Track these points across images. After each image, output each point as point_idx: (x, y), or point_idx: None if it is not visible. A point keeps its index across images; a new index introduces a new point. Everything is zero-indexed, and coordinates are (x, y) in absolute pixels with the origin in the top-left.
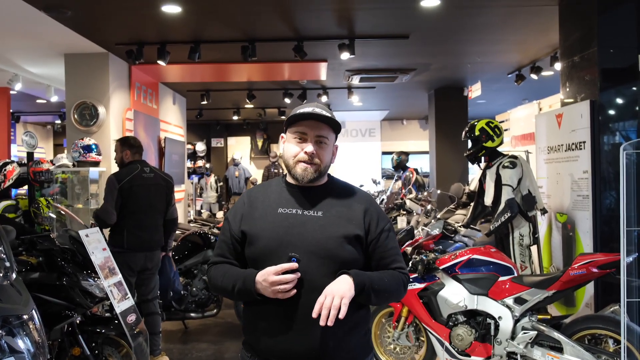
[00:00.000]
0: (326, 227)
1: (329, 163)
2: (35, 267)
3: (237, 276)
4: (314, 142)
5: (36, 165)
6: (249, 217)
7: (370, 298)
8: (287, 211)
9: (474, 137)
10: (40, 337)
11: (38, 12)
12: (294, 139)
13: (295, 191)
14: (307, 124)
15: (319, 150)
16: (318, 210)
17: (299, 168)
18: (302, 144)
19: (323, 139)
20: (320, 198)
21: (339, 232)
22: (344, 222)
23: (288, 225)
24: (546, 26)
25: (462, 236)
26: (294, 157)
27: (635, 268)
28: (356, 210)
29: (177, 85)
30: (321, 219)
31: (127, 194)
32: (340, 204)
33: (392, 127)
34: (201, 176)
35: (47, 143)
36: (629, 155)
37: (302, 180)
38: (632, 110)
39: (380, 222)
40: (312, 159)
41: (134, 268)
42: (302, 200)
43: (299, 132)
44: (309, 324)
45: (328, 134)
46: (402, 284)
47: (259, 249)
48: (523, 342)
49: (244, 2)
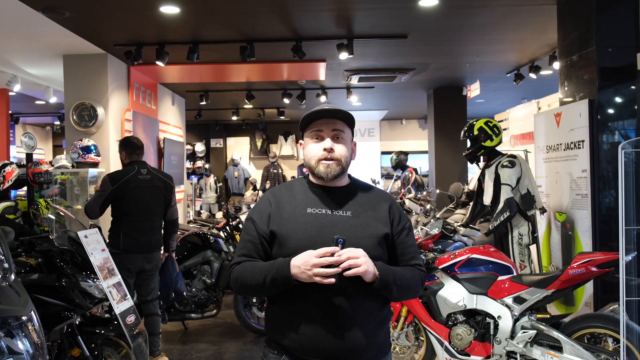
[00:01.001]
0: (358, 227)
1: (349, 158)
2: (35, 268)
3: (269, 267)
4: (331, 138)
5: (35, 167)
6: (277, 217)
7: (392, 292)
8: (316, 211)
9: (472, 137)
10: (39, 338)
11: (36, 13)
12: (311, 140)
13: (320, 191)
14: (321, 122)
15: (337, 145)
16: (347, 210)
17: (322, 166)
18: (319, 143)
19: (339, 133)
20: (347, 198)
21: (371, 232)
22: (374, 222)
23: (320, 225)
24: (545, 25)
25: (461, 235)
26: (315, 157)
27: (634, 267)
28: (382, 209)
29: (176, 86)
30: (351, 219)
31: (121, 196)
32: (367, 204)
33: (391, 127)
34: (200, 177)
35: (46, 144)
36: (627, 154)
37: (327, 177)
38: (631, 109)
39: (402, 220)
40: (332, 155)
41: (132, 269)
42: (329, 200)
43: (315, 131)
44: (343, 321)
45: (343, 128)
46: (420, 281)
47: (291, 249)
48: (522, 341)
49: (243, 2)
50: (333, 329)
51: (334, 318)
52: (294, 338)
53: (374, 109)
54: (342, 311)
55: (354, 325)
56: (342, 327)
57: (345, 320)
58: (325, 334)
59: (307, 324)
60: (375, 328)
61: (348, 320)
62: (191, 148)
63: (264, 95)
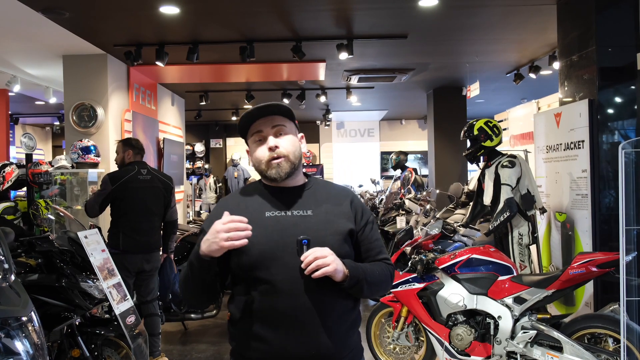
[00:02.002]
0: (321, 225)
1: (298, 153)
2: (35, 269)
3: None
4: (273, 135)
5: (35, 167)
6: None
7: (363, 290)
8: (275, 214)
9: (472, 137)
10: (39, 338)
11: (36, 14)
12: (254, 143)
13: (277, 193)
14: (259, 123)
15: (280, 140)
16: (307, 209)
17: (272, 168)
18: (263, 144)
19: (280, 128)
20: (305, 197)
21: (335, 229)
22: (336, 218)
23: (281, 228)
24: (544, 25)
25: (461, 236)
26: (262, 160)
27: (634, 267)
28: (343, 204)
29: (175, 86)
30: (313, 218)
31: (121, 196)
32: (327, 201)
33: (391, 127)
34: (200, 177)
35: (46, 145)
36: (627, 154)
37: (279, 177)
38: (631, 109)
39: (364, 214)
40: (279, 152)
41: (131, 270)
42: (287, 200)
43: (256, 133)
44: (313, 325)
45: (283, 122)
46: (390, 276)
47: (255, 257)
48: (523, 341)
49: (242, 2)
50: (303, 335)
51: (303, 323)
52: (261, 348)
53: (374, 109)
54: (312, 315)
55: (326, 329)
56: (313, 333)
57: (316, 325)
58: (295, 341)
59: (274, 331)
60: (347, 330)
61: (319, 324)
62: (191, 148)
63: (263, 95)
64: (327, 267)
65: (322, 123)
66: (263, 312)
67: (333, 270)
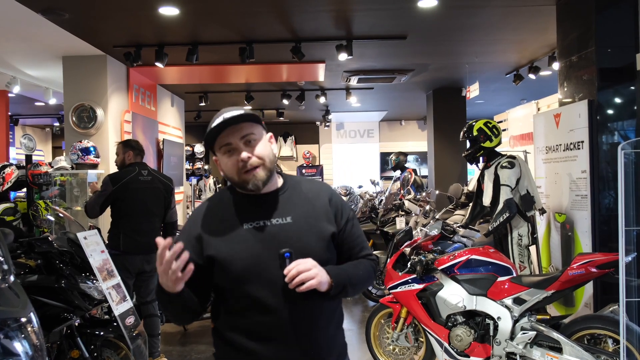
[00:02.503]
0: (302, 233)
1: (272, 156)
2: (34, 270)
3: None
4: (243, 146)
5: (35, 168)
6: (211, 239)
7: (347, 293)
8: (253, 225)
9: (472, 138)
10: (38, 340)
11: (36, 15)
12: (224, 155)
13: (252, 201)
14: (225, 135)
15: (253, 150)
16: (285, 216)
17: (248, 178)
18: (234, 156)
19: (249, 137)
20: (283, 202)
21: (317, 235)
22: (317, 222)
23: (261, 239)
24: (544, 26)
25: (460, 237)
26: (235, 172)
27: (634, 268)
28: (322, 204)
29: (175, 87)
30: (293, 225)
31: (121, 197)
32: (304, 203)
33: (391, 128)
34: (200, 178)
35: (46, 146)
36: (627, 155)
37: (258, 188)
38: (630, 109)
39: (344, 212)
40: (252, 162)
41: (132, 270)
42: (264, 208)
43: (224, 146)
44: (301, 334)
45: (251, 129)
46: (372, 272)
47: (237, 272)
48: (522, 342)
49: (242, 3)
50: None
51: (291, 334)
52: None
53: (373, 109)
54: (299, 325)
55: (314, 336)
56: (301, 342)
57: (304, 334)
58: (283, 352)
59: (261, 344)
60: (334, 332)
61: (307, 333)
62: (190, 149)
63: (263, 96)
64: (312, 280)
65: (321, 124)
66: (249, 326)
67: (317, 283)
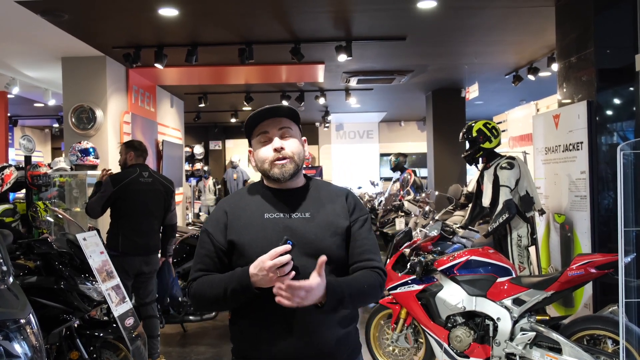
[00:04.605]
0: (318, 229)
1: (302, 155)
2: (33, 271)
3: (228, 279)
4: (279, 137)
5: (34, 169)
6: (235, 226)
7: (347, 306)
8: (274, 216)
9: (471, 139)
10: (37, 341)
11: (35, 16)
12: (259, 144)
13: (277, 194)
14: (266, 124)
15: (286, 142)
16: (305, 212)
17: (276, 168)
18: (268, 145)
19: (286, 130)
20: (304, 199)
21: (332, 231)
22: (333, 218)
23: (279, 230)
24: (543, 27)
25: (460, 237)
26: (266, 160)
27: (633, 268)
28: (339, 201)
29: (174, 88)
30: (310, 221)
31: (122, 198)
32: (325, 201)
33: (390, 129)
34: (199, 179)
35: (45, 147)
36: (626, 156)
37: (283, 178)
38: (629, 110)
39: (357, 209)
40: (284, 153)
41: (130, 272)
42: (287, 203)
43: (261, 134)
44: (313, 325)
45: (289, 125)
46: (379, 287)
47: (252, 259)
48: (522, 343)
49: (241, 4)
50: (304, 335)
51: (303, 323)
52: (261, 348)
53: (373, 110)
54: (312, 315)
55: (326, 329)
56: (313, 333)
57: (316, 325)
58: (295, 341)
59: (274, 332)
60: (346, 329)
61: (319, 324)
62: (190, 150)
63: (262, 97)
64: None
65: (321, 125)
66: (263, 313)
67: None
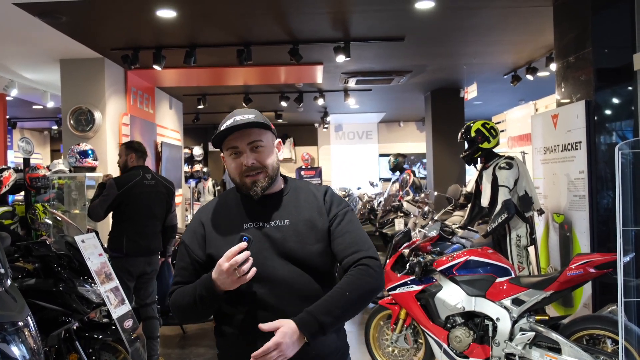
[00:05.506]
0: (299, 236)
1: (276, 164)
2: (32, 274)
3: (194, 287)
4: (249, 151)
5: (32, 171)
6: (212, 238)
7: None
8: (253, 225)
9: (470, 139)
10: (35, 343)
11: (33, 18)
12: (229, 156)
13: (254, 202)
14: (232, 138)
15: (258, 157)
16: (284, 219)
17: (248, 182)
18: (239, 159)
19: (257, 144)
20: (282, 204)
21: (314, 237)
22: (313, 224)
23: (258, 240)
24: (541, 27)
25: (459, 238)
26: (238, 174)
27: (632, 268)
28: (317, 200)
29: (173, 90)
30: (290, 227)
31: (126, 200)
32: (304, 206)
33: (389, 129)
34: (199, 180)
35: (44, 149)
36: (624, 155)
37: (256, 193)
38: (628, 109)
39: (333, 207)
40: (255, 168)
41: (134, 273)
42: (265, 210)
43: (231, 148)
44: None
45: (260, 136)
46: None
47: None
48: (521, 343)
49: (239, 5)
50: None
51: None
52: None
53: (372, 111)
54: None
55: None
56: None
57: None
58: None
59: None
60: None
61: None
62: (189, 152)
63: (261, 98)
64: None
65: (320, 125)
66: (249, 325)
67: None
